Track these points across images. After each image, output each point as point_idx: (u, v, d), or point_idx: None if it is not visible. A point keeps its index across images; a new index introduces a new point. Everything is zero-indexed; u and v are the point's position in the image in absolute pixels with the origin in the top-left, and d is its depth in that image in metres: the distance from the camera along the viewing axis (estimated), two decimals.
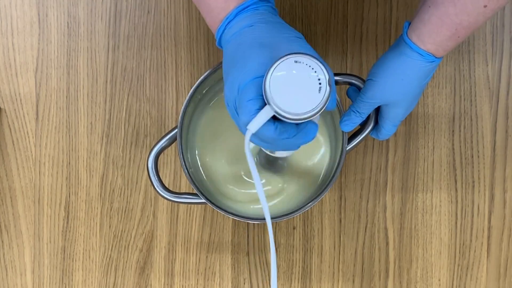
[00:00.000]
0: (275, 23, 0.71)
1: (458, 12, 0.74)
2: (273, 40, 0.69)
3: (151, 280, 1.01)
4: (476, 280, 1.00)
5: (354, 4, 1.01)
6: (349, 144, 0.87)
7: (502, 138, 1.00)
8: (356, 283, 1.00)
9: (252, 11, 0.72)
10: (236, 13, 0.72)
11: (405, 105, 0.82)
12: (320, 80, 0.63)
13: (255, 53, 0.67)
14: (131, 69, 1.02)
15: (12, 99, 1.02)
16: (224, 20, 0.72)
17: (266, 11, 0.73)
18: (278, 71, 0.63)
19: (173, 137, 0.87)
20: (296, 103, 0.63)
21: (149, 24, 1.02)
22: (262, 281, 1.00)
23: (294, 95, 0.63)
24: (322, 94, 0.63)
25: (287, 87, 0.63)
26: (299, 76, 0.63)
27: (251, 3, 0.72)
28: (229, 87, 0.69)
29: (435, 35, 0.76)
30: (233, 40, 0.71)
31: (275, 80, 0.63)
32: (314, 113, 0.63)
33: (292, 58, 0.63)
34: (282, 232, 1.00)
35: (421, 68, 0.78)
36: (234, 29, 0.71)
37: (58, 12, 1.03)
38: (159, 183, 0.87)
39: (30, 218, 1.02)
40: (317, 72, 0.63)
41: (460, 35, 0.76)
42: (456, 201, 1.00)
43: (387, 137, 0.87)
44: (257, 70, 0.66)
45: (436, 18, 0.75)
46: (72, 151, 1.02)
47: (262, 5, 0.73)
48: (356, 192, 1.01)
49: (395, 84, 0.80)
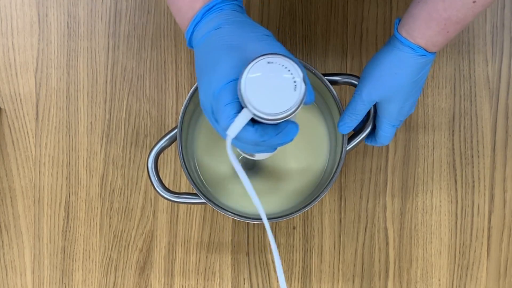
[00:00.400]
0: (242, 22, 0.71)
1: (447, 7, 0.74)
2: (242, 41, 0.69)
3: (151, 280, 1.01)
4: (476, 280, 1.00)
5: (354, 4, 1.01)
6: (349, 144, 0.87)
7: (502, 138, 1.00)
8: (356, 283, 1.00)
9: (217, 11, 0.72)
10: (203, 14, 0.72)
11: (398, 100, 0.81)
12: (294, 79, 0.63)
13: (225, 57, 0.68)
14: (131, 69, 1.02)
15: (12, 99, 1.02)
16: (192, 21, 0.73)
17: (232, 10, 0.72)
18: (252, 73, 0.63)
19: (173, 137, 0.87)
20: (273, 103, 0.63)
21: (149, 24, 1.02)
22: (262, 281, 1.00)
23: (270, 96, 0.63)
24: (298, 92, 0.63)
25: (262, 89, 0.63)
26: (273, 77, 0.63)
27: (216, 2, 0.72)
28: (203, 93, 0.69)
29: (424, 30, 0.77)
30: (202, 44, 0.71)
31: (250, 82, 0.63)
32: (292, 112, 0.63)
33: (265, 59, 0.63)
34: (282, 232, 1.00)
35: (413, 62, 0.79)
36: (202, 31, 0.72)
37: (58, 12, 1.03)
38: (159, 183, 0.87)
39: (30, 218, 1.02)
40: (291, 71, 0.63)
41: (450, 30, 0.76)
42: (456, 201, 1.00)
43: (385, 141, 0.86)
44: (229, 73, 0.66)
45: (425, 13, 0.76)
46: (72, 151, 1.02)
47: (227, 4, 0.72)
48: (356, 192, 1.01)
49: (387, 78, 0.80)
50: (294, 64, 0.63)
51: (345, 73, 0.89)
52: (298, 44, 1.02)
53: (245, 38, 0.69)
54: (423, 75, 0.81)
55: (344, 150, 0.85)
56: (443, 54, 1.01)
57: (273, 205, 0.92)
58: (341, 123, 0.84)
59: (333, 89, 0.86)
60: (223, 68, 0.67)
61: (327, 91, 0.87)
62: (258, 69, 0.63)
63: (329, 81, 0.86)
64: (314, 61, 1.01)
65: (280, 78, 0.63)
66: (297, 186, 0.93)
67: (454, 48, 1.01)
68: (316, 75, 0.86)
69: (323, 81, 0.86)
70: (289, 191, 0.93)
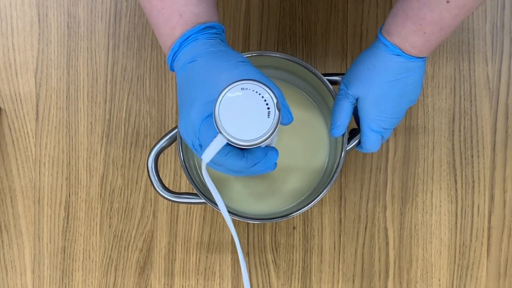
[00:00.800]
0: (216, 52, 0.72)
1: (421, 6, 0.75)
2: (216, 72, 0.70)
3: (151, 280, 1.01)
4: (476, 280, 1.00)
5: (354, 4, 1.01)
6: (349, 144, 0.87)
7: (502, 138, 1.00)
8: (356, 283, 1.00)
9: (192, 41, 0.73)
10: (179, 44, 0.73)
11: (373, 98, 0.81)
12: (268, 105, 0.64)
13: (199, 92, 0.69)
14: (131, 69, 1.02)
15: (12, 99, 1.02)
16: (170, 50, 0.74)
17: (207, 39, 0.74)
18: (226, 100, 0.64)
19: (173, 137, 0.87)
20: (246, 130, 0.64)
21: (149, 24, 1.02)
22: (262, 281, 1.00)
23: (243, 122, 0.64)
24: (271, 119, 0.64)
25: (236, 115, 0.64)
26: (246, 103, 0.64)
27: (192, 33, 0.73)
28: (182, 125, 0.71)
29: (400, 28, 0.77)
30: (180, 75, 0.73)
31: (224, 109, 0.64)
32: (265, 138, 0.64)
33: (238, 85, 0.64)
34: (282, 232, 1.00)
35: (387, 60, 0.79)
36: (179, 62, 0.73)
37: (58, 12, 1.03)
38: (159, 183, 0.87)
39: (30, 218, 1.02)
40: (264, 97, 0.64)
41: (426, 31, 0.76)
42: (456, 201, 1.00)
43: (369, 146, 0.85)
44: (204, 110, 0.68)
45: (401, 12, 0.77)
46: (72, 151, 1.02)
47: (203, 33, 0.74)
48: (356, 192, 1.01)
49: (361, 73, 0.81)
50: (267, 89, 0.64)
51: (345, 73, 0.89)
52: (298, 44, 1.02)
53: (220, 68, 0.70)
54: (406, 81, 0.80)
55: (344, 150, 0.85)
56: (443, 54, 1.01)
57: (273, 205, 0.92)
58: (332, 126, 0.84)
59: (333, 89, 0.86)
60: (198, 105, 0.69)
61: (327, 91, 0.87)
62: (231, 96, 0.64)
63: (329, 81, 0.86)
64: (314, 61, 1.01)
65: (254, 104, 0.64)
66: (297, 186, 0.93)
67: (454, 48, 1.01)
68: (316, 75, 0.86)
69: (323, 81, 0.86)
70: (289, 191, 0.93)
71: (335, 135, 0.84)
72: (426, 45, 0.78)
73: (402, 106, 0.82)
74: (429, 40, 0.77)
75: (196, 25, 0.73)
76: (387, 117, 0.82)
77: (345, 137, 0.85)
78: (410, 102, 0.83)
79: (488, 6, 1.01)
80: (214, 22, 0.75)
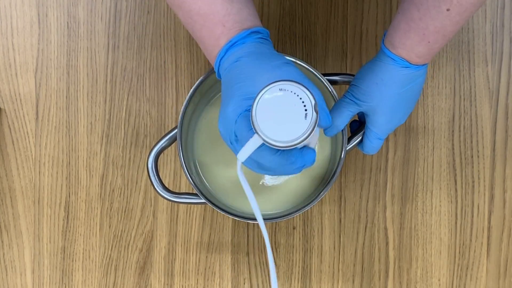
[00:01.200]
0: (261, 53, 0.72)
1: (422, 16, 0.75)
2: (257, 71, 0.70)
3: (151, 280, 1.01)
4: (476, 280, 1.00)
5: (354, 4, 1.01)
6: (349, 144, 0.87)
7: (502, 138, 1.00)
8: (356, 283, 1.00)
9: (239, 45, 0.73)
10: (226, 50, 0.73)
11: (384, 112, 0.82)
12: (306, 107, 0.63)
13: (238, 89, 0.69)
14: (131, 69, 1.02)
15: (12, 99, 1.02)
16: (217, 56, 0.74)
17: (254, 42, 0.73)
18: (264, 100, 0.64)
19: (173, 137, 0.87)
20: (282, 131, 0.63)
21: (149, 24, 1.02)
22: (262, 281, 1.00)
23: (280, 123, 0.63)
24: (308, 120, 0.63)
25: (273, 116, 0.63)
26: (284, 104, 0.64)
27: (238, 38, 0.73)
28: (221, 123, 0.71)
29: (404, 40, 0.77)
30: (224, 76, 0.73)
31: (261, 109, 0.64)
32: (301, 140, 0.64)
33: (276, 86, 0.64)
34: (282, 232, 1.00)
35: (395, 73, 0.79)
36: (225, 65, 0.73)
37: (58, 12, 1.03)
38: (159, 183, 0.87)
39: (30, 218, 1.02)
40: (302, 98, 0.63)
41: (430, 40, 0.77)
42: (456, 201, 1.00)
43: (371, 151, 0.86)
44: (241, 105, 0.68)
45: (403, 24, 0.77)
46: (72, 151, 1.02)
47: (250, 38, 0.73)
48: (356, 192, 1.01)
49: (370, 88, 0.81)
50: (306, 91, 0.63)
51: (345, 73, 0.89)
52: (298, 44, 1.02)
53: (262, 68, 0.70)
54: (413, 88, 0.81)
55: (344, 150, 0.85)
56: (443, 54, 1.01)
57: (273, 205, 0.92)
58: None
59: (332, 89, 0.86)
60: (236, 100, 0.68)
61: (327, 91, 0.87)
62: (270, 96, 0.64)
63: (329, 81, 0.86)
64: (314, 61, 1.01)
65: (291, 105, 0.63)
66: (297, 186, 0.93)
67: (454, 48, 1.01)
68: (316, 75, 0.86)
69: (323, 81, 0.86)
70: (289, 191, 0.93)
71: (328, 134, 0.84)
72: (431, 52, 0.78)
73: (408, 112, 0.84)
74: (433, 48, 0.78)
75: (241, 31, 0.73)
76: (394, 126, 0.84)
77: (345, 137, 0.85)
78: (413, 106, 0.84)
79: (488, 6, 1.01)
80: (259, 27, 0.75)
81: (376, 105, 0.81)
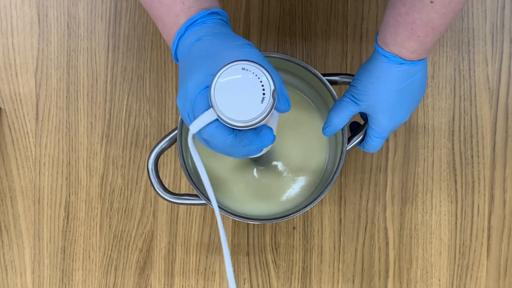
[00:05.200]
0: (223, 33, 0.72)
1: (408, 10, 0.75)
2: (220, 49, 0.69)
3: (151, 280, 1.01)
4: (476, 280, 1.00)
5: (354, 4, 1.01)
6: (349, 144, 0.87)
7: (502, 138, 1.00)
8: (356, 283, 1.00)
9: (200, 24, 0.72)
10: (186, 28, 0.73)
11: (382, 111, 0.81)
12: (264, 91, 0.63)
13: (201, 65, 0.68)
14: (131, 69, 1.02)
15: (12, 99, 1.02)
16: (176, 35, 0.73)
17: (214, 23, 0.73)
18: (225, 76, 0.63)
19: (173, 138, 0.87)
20: (238, 110, 0.63)
21: (149, 24, 1.02)
22: (262, 281, 1.00)
23: (237, 102, 0.63)
24: (264, 105, 0.63)
25: (231, 93, 0.63)
26: (244, 84, 0.63)
27: (199, 17, 0.72)
28: (181, 100, 0.70)
29: (395, 36, 0.78)
30: (184, 55, 0.72)
31: (220, 85, 0.63)
32: (255, 123, 0.63)
33: (240, 65, 0.63)
34: (282, 232, 1.01)
35: (390, 70, 0.79)
36: (184, 44, 0.72)
37: (58, 12, 1.03)
38: (159, 184, 0.87)
39: (30, 218, 1.02)
40: (263, 81, 0.63)
41: (420, 35, 0.77)
42: (456, 201, 1.00)
43: (373, 149, 0.86)
44: (204, 81, 0.67)
45: (392, 19, 0.77)
46: (72, 151, 1.02)
47: (210, 18, 0.73)
48: (356, 192, 1.01)
49: (367, 87, 0.81)
50: (267, 74, 0.63)
51: (345, 73, 0.89)
52: (298, 44, 1.02)
53: (225, 46, 0.70)
54: (413, 84, 0.81)
55: (344, 150, 0.85)
56: (443, 54, 1.01)
57: (273, 205, 0.92)
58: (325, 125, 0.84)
59: (332, 89, 0.86)
60: (198, 76, 0.67)
61: (326, 91, 0.87)
62: (231, 74, 0.63)
63: (328, 81, 0.86)
64: (314, 61, 1.01)
65: (250, 87, 0.63)
66: (297, 186, 0.93)
67: (454, 48, 1.01)
68: (316, 75, 0.86)
69: (322, 81, 0.86)
70: (289, 191, 0.93)
71: (326, 134, 0.84)
72: (423, 47, 0.78)
73: (411, 109, 0.83)
74: (424, 43, 0.78)
75: (201, 10, 0.73)
76: (397, 124, 0.83)
77: (345, 137, 0.85)
78: (417, 102, 0.83)
79: (488, 6, 1.01)
80: (218, 9, 0.74)
81: (374, 104, 0.81)
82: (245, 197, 0.93)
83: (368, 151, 0.87)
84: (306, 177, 0.93)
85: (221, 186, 0.93)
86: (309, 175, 0.93)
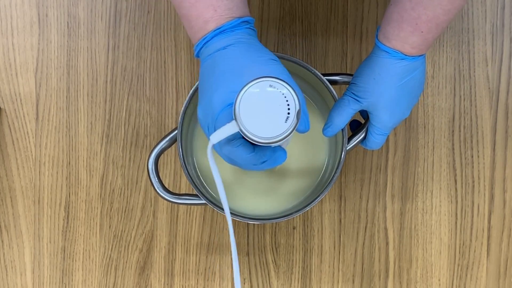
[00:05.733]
0: (250, 44, 0.72)
1: (414, 5, 0.75)
2: (247, 64, 0.69)
3: (151, 280, 1.01)
4: (476, 280, 1.00)
5: (354, 4, 1.01)
6: (349, 144, 0.87)
7: (502, 138, 1.00)
8: (356, 283, 1.00)
9: (228, 33, 0.72)
10: (213, 35, 0.73)
11: (384, 107, 0.81)
12: (289, 110, 0.63)
13: (227, 80, 0.68)
14: (131, 69, 1.02)
15: (12, 99, 1.02)
16: (202, 39, 0.73)
17: (243, 33, 0.73)
18: (251, 91, 0.63)
19: (173, 138, 0.87)
20: (260, 126, 0.63)
21: (149, 24, 1.02)
22: (262, 281, 1.00)
23: (261, 118, 0.63)
24: (287, 124, 0.63)
25: (256, 109, 0.63)
26: (269, 101, 0.63)
27: (228, 26, 0.72)
28: (202, 110, 0.70)
29: (398, 31, 0.77)
30: (208, 61, 0.72)
31: (246, 99, 0.63)
32: (277, 141, 0.63)
33: (267, 81, 0.63)
34: (282, 232, 1.01)
35: (392, 66, 0.79)
36: (210, 49, 0.72)
37: (58, 12, 1.03)
38: (159, 184, 0.87)
39: (30, 218, 1.02)
40: (289, 101, 0.63)
41: (424, 30, 0.77)
42: (456, 201, 1.00)
43: (375, 146, 0.86)
44: (228, 97, 0.67)
45: (396, 14, 0.77)
46: (72, 151, 1.02)
47: (239, 27, 0.73)
48: (356, 192, 1.01)
49: (369, 84, 0.81)
50: (294, 94, 0.63)
51: (345, 73, 0.89)
52: (298, 44, 1.02)
53: (251, 60, 0.70)
54: (413, 79, 0.81)
55: (344, 150, 0.85)
56: (443, 54, 1.01)
57: (273, 205, 0.92)
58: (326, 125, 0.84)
59: (332, 89, 0.86)
60: (224, 91, 0.68)
61: (326, 91, 0.87)
62: (258, 89, 0.63)
63: (328, 81, 0.86)
64: (314, 61, 1.01)
65: (276, 105, 0.63)
66: (297, 186, 0.93)
67: (454, 48, 1.01)
68: (316, 75, 0.86)
69: (322, 81, 0.86)
70: (289, 191, 0.93)
71: (327, 134, 0.84)
72: (425, 43, 0.78)
73: (411, 104, 0.83)
74: (427, 38, 0.78)
75: (233, 19, 0.73)
76: (398, 120, 0.83)
77: (345, 137, 0.85)
78: (417, 98, 0.83)
79: (488, 6, 1.01)
80: (249, 17, 0.74)
81: (376, 101, 0.81)
82: (245, 197, 0.93)
83: (371, 149, 0.87)
84: (306, 177, 0.93)
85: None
86: (309, 175, 0.93)
